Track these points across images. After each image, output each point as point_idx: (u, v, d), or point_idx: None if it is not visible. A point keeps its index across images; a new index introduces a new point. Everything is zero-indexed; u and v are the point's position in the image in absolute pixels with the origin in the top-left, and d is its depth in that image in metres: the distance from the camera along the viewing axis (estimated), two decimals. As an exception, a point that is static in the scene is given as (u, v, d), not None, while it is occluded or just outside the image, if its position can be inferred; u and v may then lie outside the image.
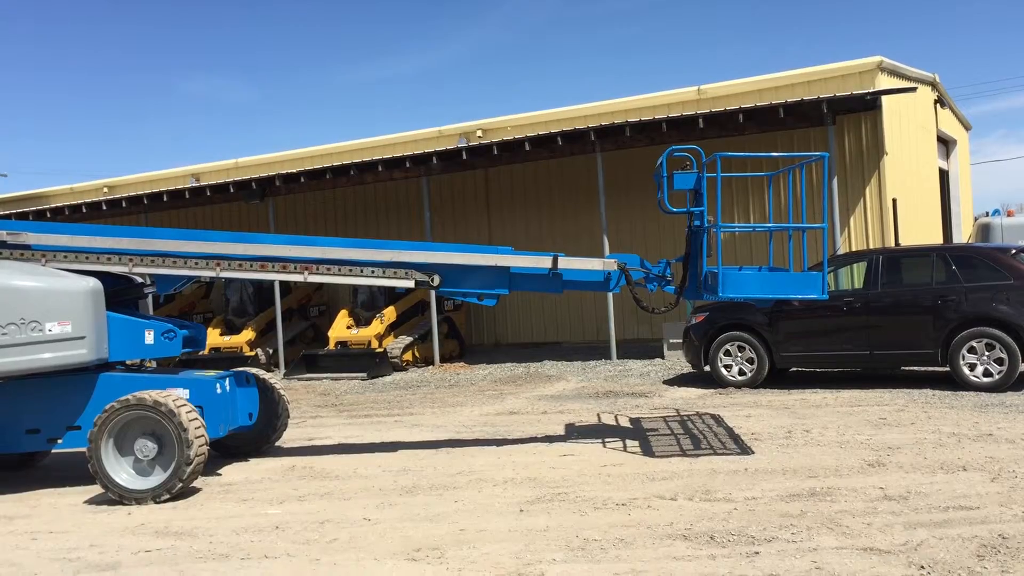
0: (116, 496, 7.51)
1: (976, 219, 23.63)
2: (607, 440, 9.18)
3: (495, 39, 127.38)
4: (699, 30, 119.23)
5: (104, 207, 20.54)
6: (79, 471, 8.19)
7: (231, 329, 19.19)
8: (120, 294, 8.77)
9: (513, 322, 20.18)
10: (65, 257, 8.56)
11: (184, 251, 8.70)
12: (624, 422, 10.28)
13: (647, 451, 8.54)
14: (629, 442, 9.03)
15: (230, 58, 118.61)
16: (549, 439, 9.45)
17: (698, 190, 8.49)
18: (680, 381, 13.36)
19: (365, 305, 17.91)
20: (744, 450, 8.27)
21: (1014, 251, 11.52)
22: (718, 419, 10.01)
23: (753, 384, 12.26)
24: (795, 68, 17.13)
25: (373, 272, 8.82)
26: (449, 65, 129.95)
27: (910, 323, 11.44)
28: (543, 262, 8.80)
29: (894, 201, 16.14)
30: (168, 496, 7.46)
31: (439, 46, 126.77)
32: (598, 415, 10.86)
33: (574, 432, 9.83)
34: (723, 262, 8.79)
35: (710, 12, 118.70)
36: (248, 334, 18.70)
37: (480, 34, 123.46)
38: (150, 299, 15.17)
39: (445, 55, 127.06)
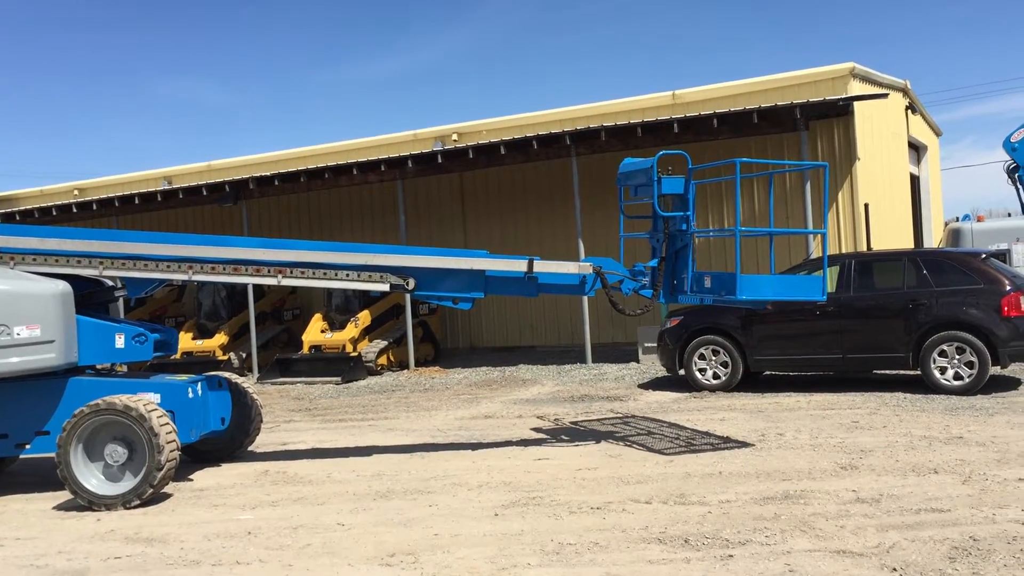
0: (85, 502, 7.41)
1: (947, 224, 23.89)
2: (582, 444, 9.18)
3: (471, 43, 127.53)
4: (675, 35, 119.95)
5: (74, 209, 20.32)
6: (48, 476, 8.09)
7: (204, 333, 19.02)
8: (90, 297, 8.67)
9: (488, 326, 20.16)
10: (34, 260, 8.46)
11: (155, 254, 8.61)
12: (599, 426, 10.28)
13: (621, 455, 8.55)
14: (604, 446, 9.03)
15: (204, 60, 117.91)
16: (524, 443, 9.44)
17: (684, 195, 8.53)
18: (655, 385, 13.40)
19: (339, 309, 17.82)
20: (708, 455, 8.30)
21: (984, 255, 11.66)
22: (693, 423, 10.04)
23: (727, 388, 12.32)
24: (769, 74, 17.26)
25: (348, 275, 8.78)
26: (425, 69, 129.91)
27: (882, 327, 11.54)
28: (518, 265, 8.80)
29: (866, 206, 16.28)
30: (138, 502, 7.37)
31: (415, 49, 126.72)
32: (573, 419, 10.86)
33: (549, 436, 9.82)
34: (694, 265, 8.85)
35: (685, 18, 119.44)
36: (221, 338, 18.56)
37: (456, 38, 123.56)
38: (121, 302, 15.02)
39: (421, 58, 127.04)
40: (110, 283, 8.98)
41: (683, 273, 8.75)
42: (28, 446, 8.05)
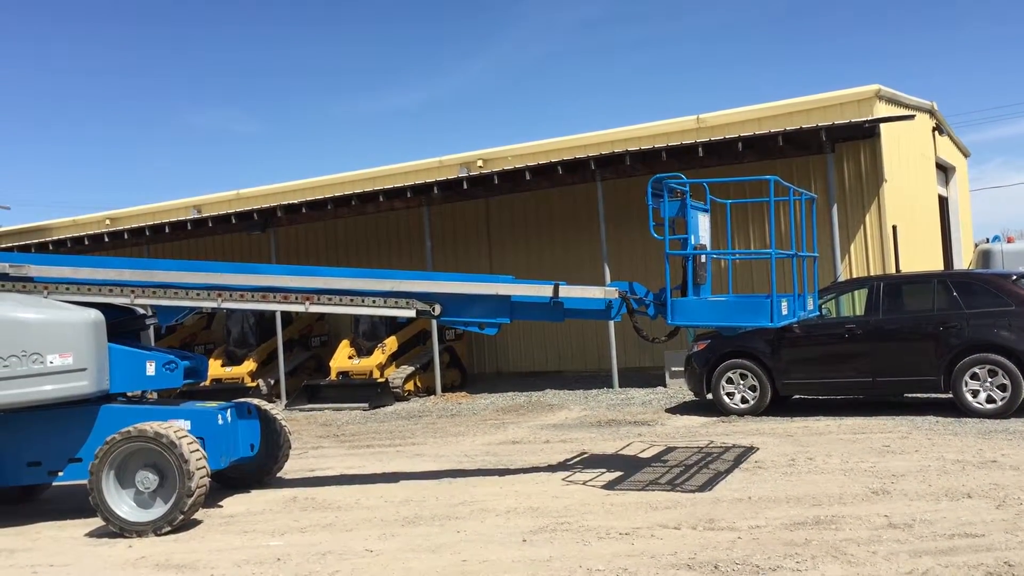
0: (117, 529, 7.48)
1: (976, 245, 23.67)
2: (610, 469, 9.14)
3: (496, 71, 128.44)
4: (699, 60, 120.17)
5: (106, 239, 20.61)
6: (80, 504, 8.17)
7: (233, 360, 19.16)
8: (122, 325, 8.78)
9: (515, 351, 20.16)
10: (67, 289, 8.59)
11: (186, 282, 8.72)
12: (627, 451, 10.24)
13: (650, 480, 8.51)
14: (632, 471, 8.99)
15: (233, 90, 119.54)
16: (552, 468, 9.41)
17: (683, 217, 8.49)
18: (682, 409, 13.32)
19: (367, 335, 17.89)
20: (737, 480, 8.23)
21: (1015, 277, 11.53)
22: (722, 448, 9.98)
23: (756, 412, 12.22)
24: (794, 97, 17.23)
25: (374, 302, 8.83)
26: (450, 96, 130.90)
27: (912, 350, 11.42)
28: (544, 291, 8.81)
29: (894, 228, 16.17)
30: (169, 528, 7.43)
31: (441, 77, 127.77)
32: (601, 444, 10.82)
33: (577, 461, 9.79)
34: (725, 289, 8.79)
35: (710, 41, 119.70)
36: (250, 365, 18.68)
37: (481, 66, 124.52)
38: (152, 330, 15.20)
39: (447, 86, 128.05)
40: (141, 311, 9.10)
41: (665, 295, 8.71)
42: (61, 473, 8.15)
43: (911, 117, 16.49)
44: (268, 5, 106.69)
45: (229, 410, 8.57)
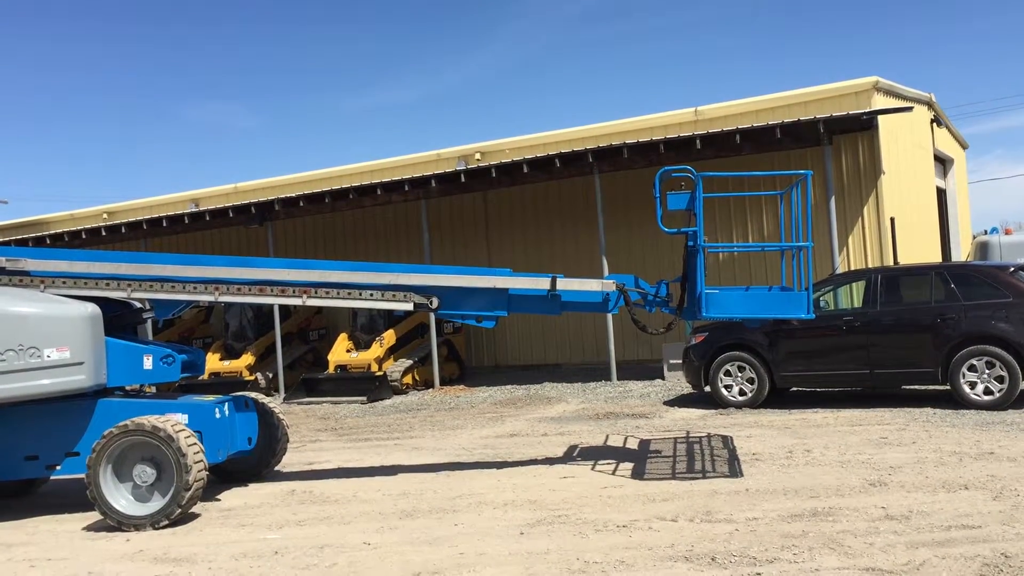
0: (115, 522, 7.47)
1: (974, 237, 23.66)
2: (607, 462, 9.15)
3: (494, 64, 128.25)
4: (697, 52, 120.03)
5: (104, 233, 20.58)
6: (78, 498, 8.16)
7: (231, 354, 19.16)
8: (119, 319, 8.76)
9: (513, 344, 20.17)
10: (64, 283, 8.57)
11: (183, 276, 8.71)
12: (625, 443, 10.24)
13: (647, 472, 8.52)
14: (629, 464, 8.99)
15: (231, 84, 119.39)
16: (549, 461, 9.42)
17: (692, 210, 8.48)
18: (680, 402, 13.33)
19: (364, 328, 17.90)
20: (735, 472, 8.24)
21: (1012, 269, 11.53)
22: (719, 440, 9.99)
23: (754, 404, 12.24)
24: (792, 89, 17.21)
25: (372, 295, 8.82)
26: (449, 90, 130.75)
27: (910, 342, 11.42)
28: (541, 283, 8.80)
29: (892, 220, 16.16)
30: (167, 522, 7.42)
31: (440, 71, 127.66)
32: (599, 437, 10.83)
33: (574, 454, 9.80)
34: (726, 282, 8.78)
35: (708, 34, 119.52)
36: (248, 358, 18.68)
37: (478, 60, 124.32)
38: (149, 324, 15.19)
39: (445, 80, 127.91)
40: (138, 305, 9.09)
41: (697, 290, 8.69)
42: (58, 467, 8.14)
43: (909, 109, 16.48)
44: (266, 0, 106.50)
45: (227, 404, 8.57)
